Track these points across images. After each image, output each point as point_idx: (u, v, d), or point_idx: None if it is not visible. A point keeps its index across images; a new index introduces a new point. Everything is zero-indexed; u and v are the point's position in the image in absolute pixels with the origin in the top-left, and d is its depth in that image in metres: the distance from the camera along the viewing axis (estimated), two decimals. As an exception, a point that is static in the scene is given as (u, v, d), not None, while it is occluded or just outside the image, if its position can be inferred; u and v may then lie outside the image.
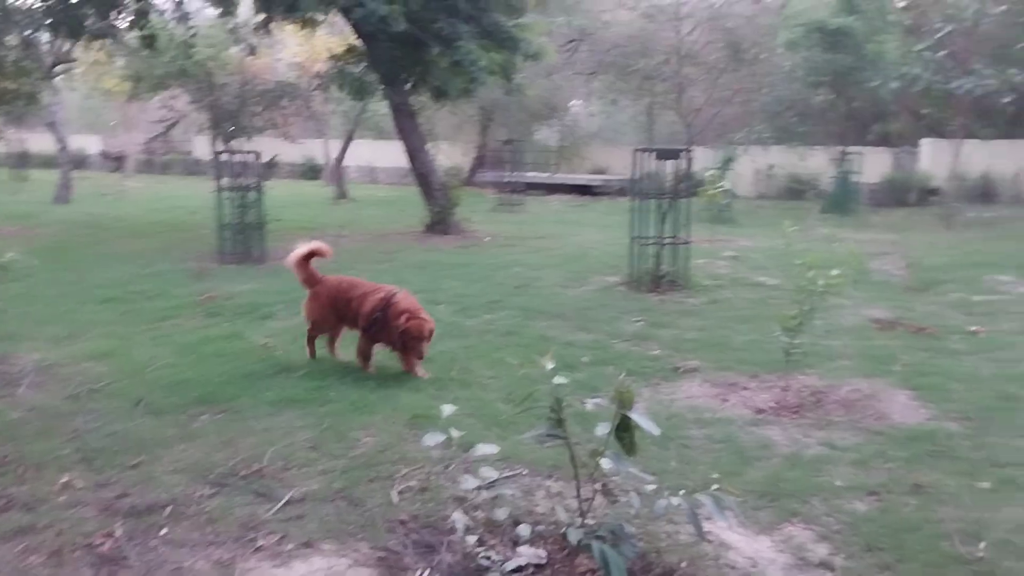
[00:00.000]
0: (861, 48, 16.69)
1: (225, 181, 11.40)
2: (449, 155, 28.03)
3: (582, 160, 27.44)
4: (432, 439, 3.18)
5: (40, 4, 13.14)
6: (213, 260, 11.33)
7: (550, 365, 3.48)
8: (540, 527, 3.29)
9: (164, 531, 3.48)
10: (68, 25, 12.76)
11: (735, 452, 4.45)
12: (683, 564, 3.23)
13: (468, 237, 14.34)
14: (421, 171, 14.77)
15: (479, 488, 3.29)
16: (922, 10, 19.12)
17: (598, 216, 18.97)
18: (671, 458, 4.31)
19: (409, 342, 5.67)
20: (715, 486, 3.04)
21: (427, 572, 3.23)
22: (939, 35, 14.72)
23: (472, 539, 3.33)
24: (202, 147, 36.53)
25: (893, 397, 5.44)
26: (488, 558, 3.27)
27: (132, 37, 14.17)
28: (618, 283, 9.56)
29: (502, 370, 6.03)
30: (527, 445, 4.44)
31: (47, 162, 36.48)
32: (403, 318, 5.66)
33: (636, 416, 3.10)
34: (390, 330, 5.71)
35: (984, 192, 20.53)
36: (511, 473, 4.08)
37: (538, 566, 3.27)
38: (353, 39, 14.74)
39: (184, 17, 15.20)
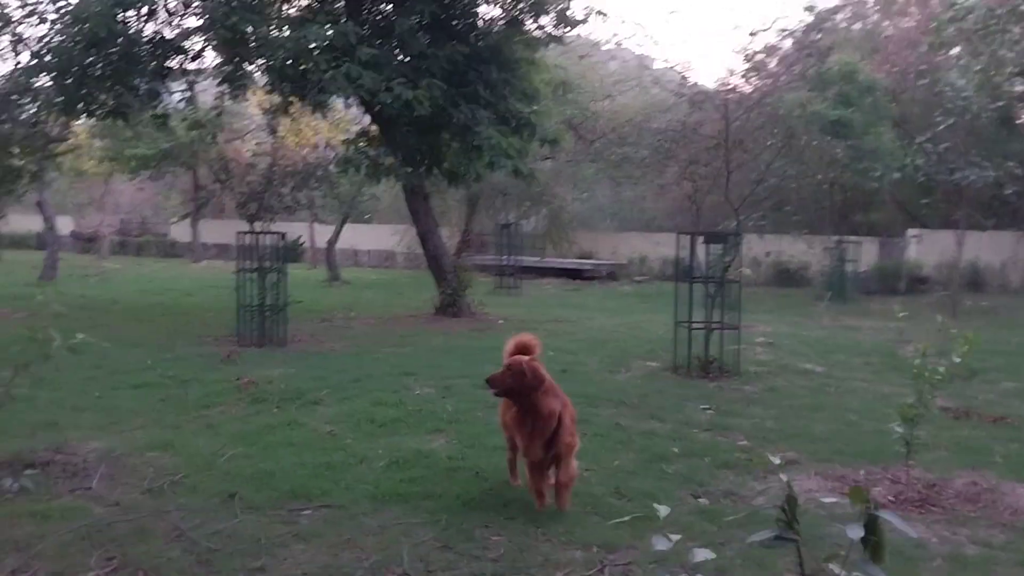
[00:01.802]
0: (860, 140, 17.10)
1: (247, 263, 11.08)
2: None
3: (569, 244, 27.53)
4: (661, 543, 2.90)
5: (51, 82, 12.92)
6: (231, 343, 10.91)
7: (777, 460, 3.24)
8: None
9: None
10: (81, 103, 12.53)
11: (895, 553, 4.17)
12: None
13: (480, 320, 14.08)
14: (433, 253, 14.60)
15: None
16: (905, 103, 19.80)
17: (598, 300, 18.88)
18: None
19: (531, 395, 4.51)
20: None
21: None
22: (940, 127, 15.13)
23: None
24: (179, 229, 36.18)
25: (1015, 490, 5.24)
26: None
27: (143, 117, 13.96)
28: (662, 368, 9.35)
29: (591, 461, 5.74)
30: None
31: (16, 242, 35.87)
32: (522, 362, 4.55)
33: (890, 517, 2.85)
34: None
35: (972, 281, 20.87)
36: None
37: None
38: (363, 123, 14.72)
39: (192, 100, 15.12)
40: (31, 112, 13.52)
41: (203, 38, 12.39)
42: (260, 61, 12.43)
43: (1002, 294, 20.36)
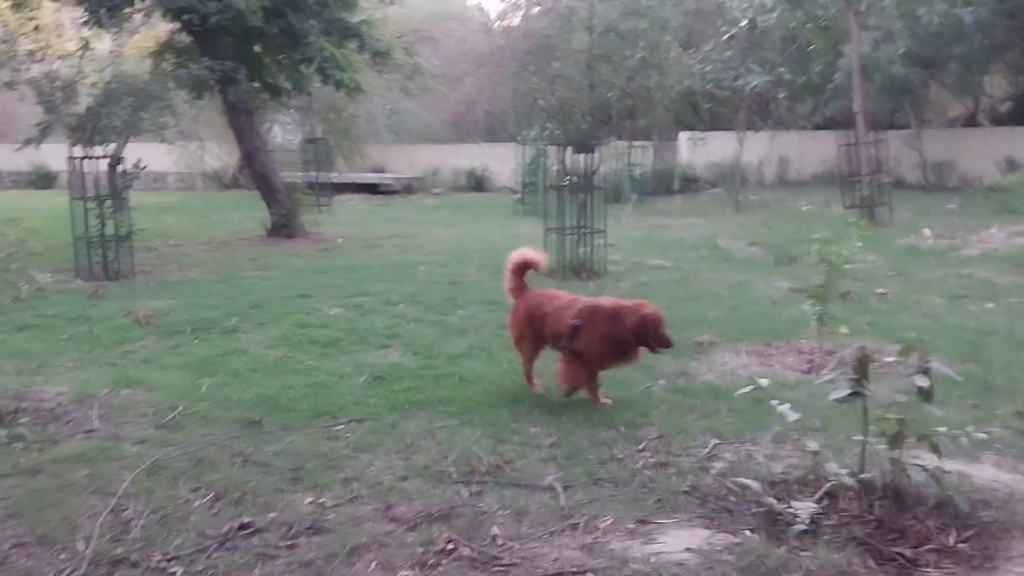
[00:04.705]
0: (648, 51, 18.42)
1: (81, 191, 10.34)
2: (217, 155, 26.86)
3: (362, 158, 27.28)
4: (791, 415, 3.59)
5: None
6: (70, 277, 10.21)
7: (844, 330, 3.99)
8: (862, 476, 3.71)
9: (495, 529, 3.48)
10: None
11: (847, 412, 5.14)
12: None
13: (319, 240, 13.96)
14: (262, 172, 14.14)
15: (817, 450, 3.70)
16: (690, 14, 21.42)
17: (415, 213, 19.16)
18: (813, 417, 4.83)
19: (650, 332, 5.16)
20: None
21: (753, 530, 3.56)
22: (725, 37, 16.70)
23: (772, 500, 3.72)
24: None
25: (883, 350, 6.44)
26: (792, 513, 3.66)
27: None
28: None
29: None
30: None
31: None
32: (638, 309, 5.19)
33: (937, 365, 3.69)
34: (592, 339, 5.16)
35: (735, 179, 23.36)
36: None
37: (821, 514, 3.72)
38: (170, 34, 13.77)
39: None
40: None
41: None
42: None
43: (762, 188, 22.99)
